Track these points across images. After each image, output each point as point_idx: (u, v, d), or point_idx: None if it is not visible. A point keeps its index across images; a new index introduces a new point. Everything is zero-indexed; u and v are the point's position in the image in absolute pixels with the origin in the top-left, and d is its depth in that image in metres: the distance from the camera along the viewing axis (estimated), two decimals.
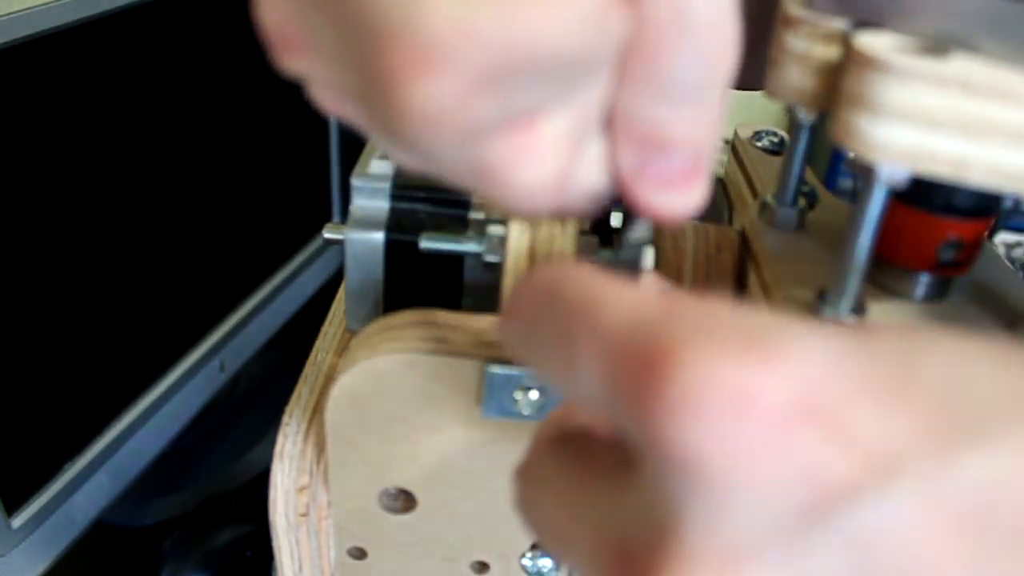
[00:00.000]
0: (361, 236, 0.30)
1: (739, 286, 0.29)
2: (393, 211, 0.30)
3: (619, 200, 0.20)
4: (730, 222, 0.34)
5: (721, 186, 0.34)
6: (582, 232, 0.29)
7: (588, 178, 0.20)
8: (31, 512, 0.51)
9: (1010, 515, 0.14)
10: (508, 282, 0.28)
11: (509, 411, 0.26)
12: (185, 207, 0.62)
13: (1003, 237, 1.13)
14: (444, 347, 0.26)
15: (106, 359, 0.57)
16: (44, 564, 0.53)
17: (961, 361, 0.15)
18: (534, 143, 0.18)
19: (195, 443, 0.75)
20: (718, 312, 0.15)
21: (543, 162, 0.19)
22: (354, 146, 0.84)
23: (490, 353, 0.26)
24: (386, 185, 0.30)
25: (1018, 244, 1.12)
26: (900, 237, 0.24)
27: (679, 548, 0.14)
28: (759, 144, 0.34)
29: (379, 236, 0.30)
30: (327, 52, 0.18)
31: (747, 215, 0.30)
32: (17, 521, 0.50)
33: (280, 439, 0.31)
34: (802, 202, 0.30)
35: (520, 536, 0.31)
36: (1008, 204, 0.24)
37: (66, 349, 0.53)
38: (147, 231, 0.58)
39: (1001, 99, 0.19)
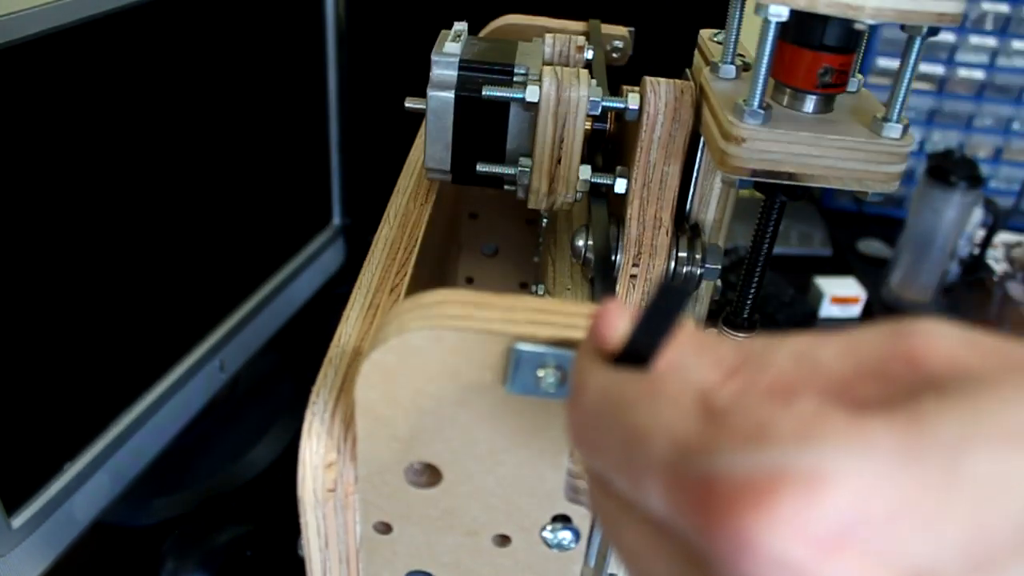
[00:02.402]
0: (439, 95, 0.42)
1: (696, 116, 0.41)
2: (460, 77, 0.42)
3: None
4: None
5: (690, 74, 0.44)
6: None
7: None
8: (31, 512, 0.51)
9: None
10: (540, 119, 0.40)
11: (533, 388, 0.27)
12: (185, 207, 0.62)
13: (1003, 237, 1.13)
14: (472, 324, 0.27)
15: (106, 359, 0.57)
16: (44, 564, 0.53)
17: (1009, 454, 0.16)
18: None
19: (195, 443, 0.75)
20: (752, 424, 0.16)
21: None
22: (354, 147, 0.84)
23: (516, 330, 0.27)
24: (455, 59, 0.42)
25: (1018, 244, 1.12)
26: (792, 67, 0.37)
27: None
28: (717, 40, 0.44)
29: (451, 95, 0.42)
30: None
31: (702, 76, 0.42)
32: (17, 521, 0.50)
33: (308, 416, 0.32)
34: (739, 62, 0.41)
35: (540, 509, 0.32)
36: (867, 35, 0.35)
37: (66, 349, 0.53)
38: (147, 231, 0.58)
39: None
